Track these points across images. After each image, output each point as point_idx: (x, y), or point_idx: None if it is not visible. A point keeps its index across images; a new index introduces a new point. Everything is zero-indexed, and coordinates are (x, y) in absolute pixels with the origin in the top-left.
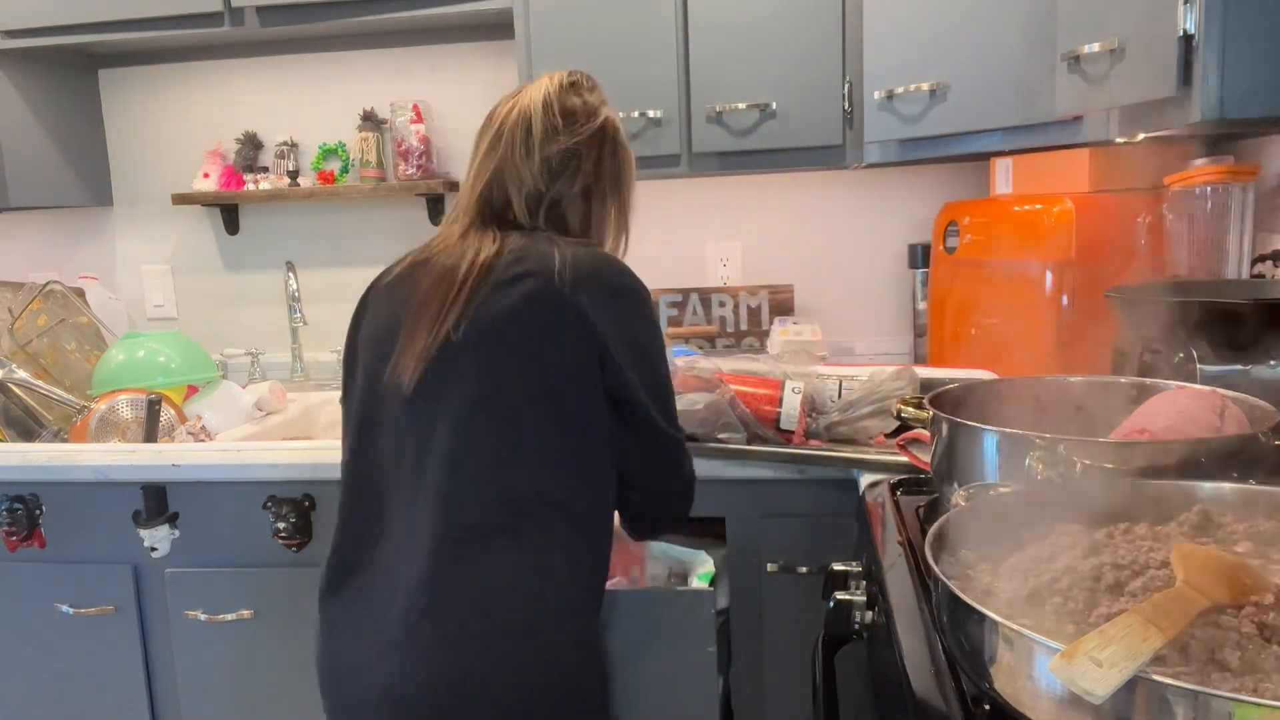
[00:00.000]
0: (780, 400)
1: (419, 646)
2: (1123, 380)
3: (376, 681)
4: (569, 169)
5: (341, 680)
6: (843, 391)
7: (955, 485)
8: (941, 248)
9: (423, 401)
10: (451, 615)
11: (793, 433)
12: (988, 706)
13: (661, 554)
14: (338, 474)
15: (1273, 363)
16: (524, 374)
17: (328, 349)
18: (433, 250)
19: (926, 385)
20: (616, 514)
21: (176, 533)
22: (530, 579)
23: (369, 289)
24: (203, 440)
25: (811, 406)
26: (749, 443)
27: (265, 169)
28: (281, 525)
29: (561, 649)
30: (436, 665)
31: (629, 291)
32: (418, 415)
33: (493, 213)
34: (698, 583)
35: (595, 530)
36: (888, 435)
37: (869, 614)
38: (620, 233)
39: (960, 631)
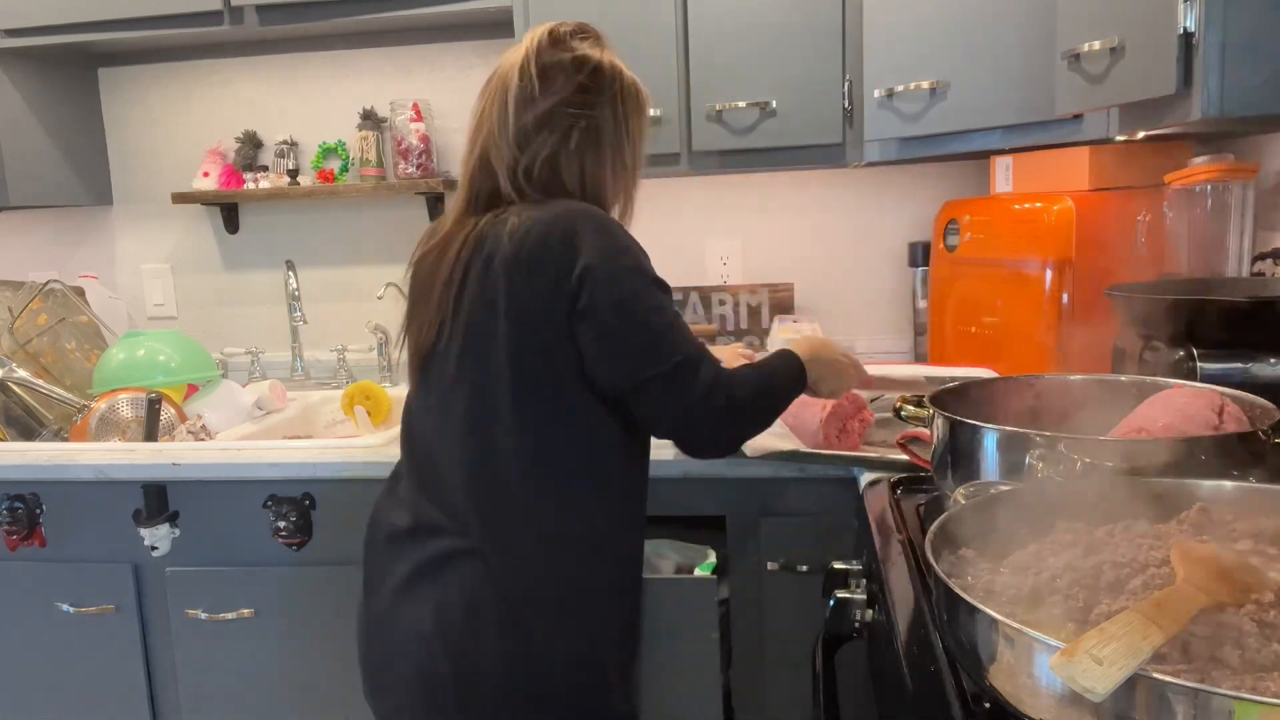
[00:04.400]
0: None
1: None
2: (1123, 379)
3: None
4: (549, 127)
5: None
6: None
7: (956, 483)
8: (942, 246)
9: (428, 408)
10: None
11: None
12: (988, 705)
13: (667, 550)
14: (337, 473)
15: (1273, 361)
16: (502, 356)
17: (328, 348)
18: (426, 248)
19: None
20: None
21: (177, 532)
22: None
23: None
24: (203, 439)
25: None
26: None
27: (265, 168)
28: (282, 524)
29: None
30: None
31: (572, 233)
32: (426, 414)
33: (482, 195)
34: (701, 574)
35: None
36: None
37: (869, 612)
38: (620, 196)
39: (960, 630)
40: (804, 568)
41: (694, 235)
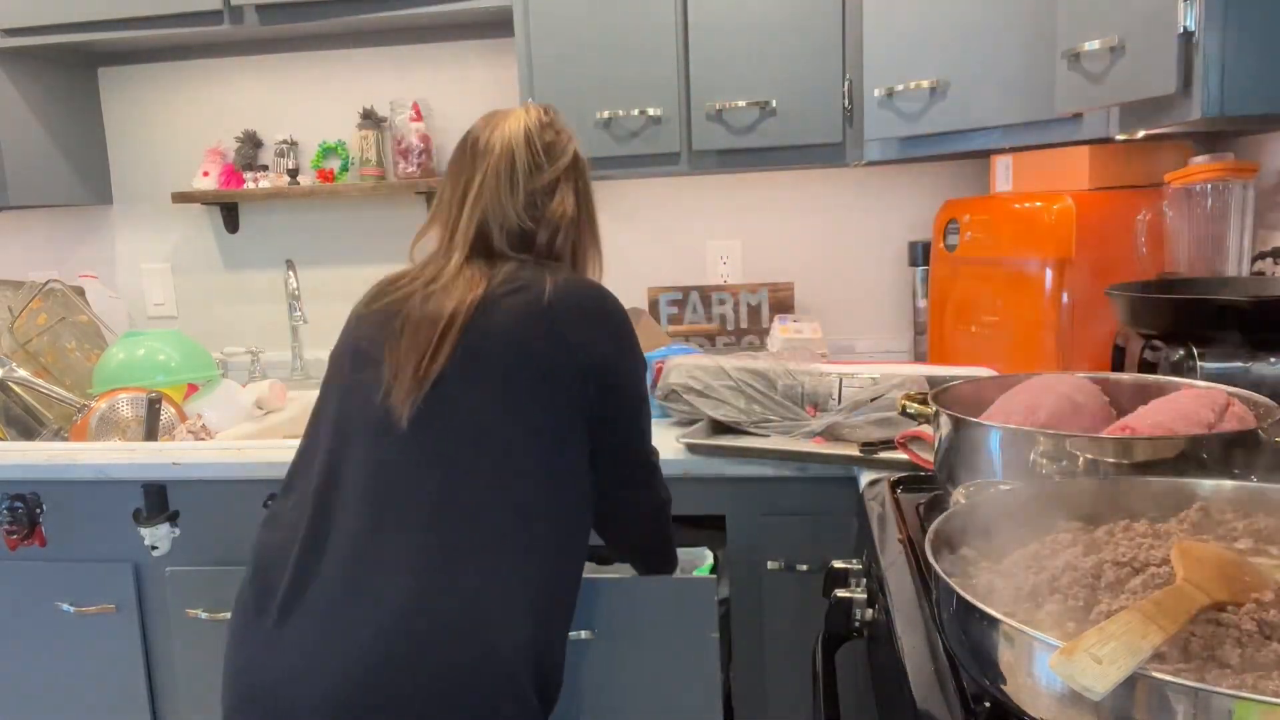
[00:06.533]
0: None
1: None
2: (1123, 378)
3: (329, 692)
4: (551, 202)
5: (278, 691)
6: (843, 390)
7: (957, 482)
8: (942, 245)
9: (415, 431)
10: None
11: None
12: (988, 704)
13: None
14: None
15: (1273, 360)
16: (511, 394)
17: (328, 347)
18: (428, 279)
19: (930, 384)
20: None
21: (177, 531)
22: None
23: (355, 314)
24: (203, 439)
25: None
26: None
27: (265, 167)
28: None
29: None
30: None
31: (610, 315)
32: (409, 444)
33: (487, 245)
34: (699, 575)
35: (567, 547)
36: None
37: (869, 611)
38: (597, 257)
39: (960, 629)
40: (804, 567)
41: (694, 235)
